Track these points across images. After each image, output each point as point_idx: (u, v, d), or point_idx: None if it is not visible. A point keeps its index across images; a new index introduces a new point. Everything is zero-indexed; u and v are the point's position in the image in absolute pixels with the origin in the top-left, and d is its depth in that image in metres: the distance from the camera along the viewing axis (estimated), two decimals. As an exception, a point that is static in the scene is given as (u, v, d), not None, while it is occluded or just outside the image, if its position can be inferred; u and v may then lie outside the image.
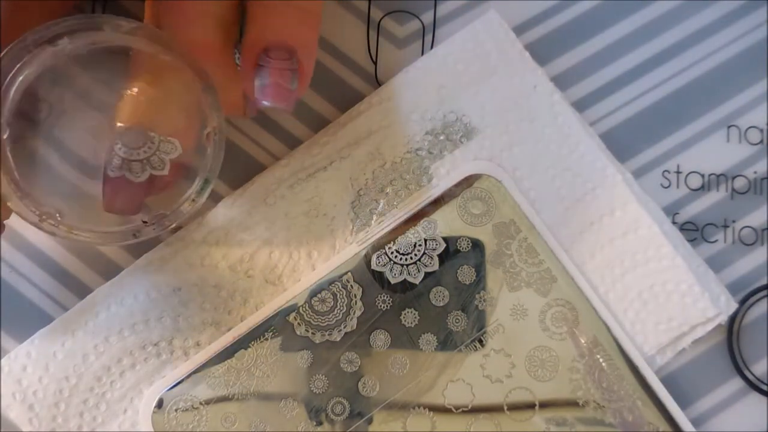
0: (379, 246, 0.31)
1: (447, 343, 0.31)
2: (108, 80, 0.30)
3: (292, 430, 0.31)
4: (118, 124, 0.28)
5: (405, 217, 0.32)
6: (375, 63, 0.33)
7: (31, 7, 0.29)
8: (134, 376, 0.31)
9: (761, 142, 0.33)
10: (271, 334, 0.31)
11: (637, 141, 0.33)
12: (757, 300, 0.33)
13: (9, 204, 0.28)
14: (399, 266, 0.31)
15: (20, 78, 0.28)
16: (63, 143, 0.32)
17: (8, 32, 0.28)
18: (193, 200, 0.29)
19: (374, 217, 0.32)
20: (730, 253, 0.33)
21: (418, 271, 0.31)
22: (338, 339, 0.31)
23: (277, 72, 0.29)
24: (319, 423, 0.31)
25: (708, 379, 0.32)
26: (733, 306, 0.32)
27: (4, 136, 0.28)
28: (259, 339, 0.31)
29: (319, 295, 0.31)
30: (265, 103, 0.29)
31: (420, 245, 0.32)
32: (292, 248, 0.32)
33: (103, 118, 0.30)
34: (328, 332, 0.31)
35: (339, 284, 0.31)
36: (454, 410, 0.31)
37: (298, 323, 0.31)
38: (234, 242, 0.32)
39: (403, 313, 0.31)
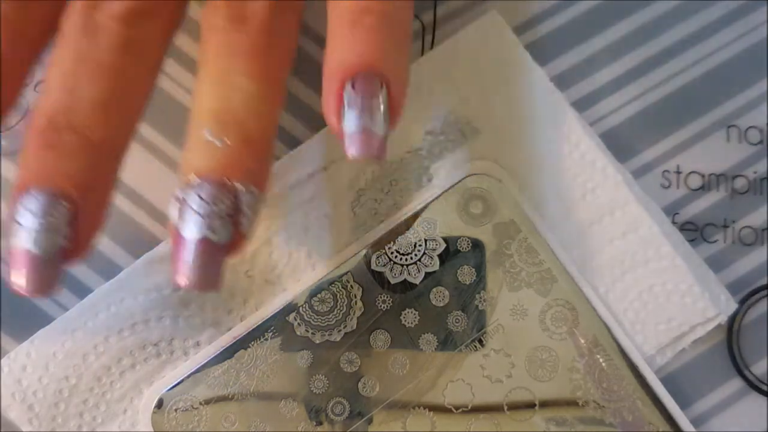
0: (379, 246, 0.31)
1: (447, 343, 0.31)
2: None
3: (292, 430, 0.31)
4: (191, 176, 0.24)
5: (405, 217, 0.32)
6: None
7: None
8: (134, 376, 0.31)
9: (761, 142, 0.33)
10: (271, 334, 0.31)
11: (637, 141, 0.33)
12: (757, 300, 0.33)
13: None
14: (399, 266, 0.31)
15: None
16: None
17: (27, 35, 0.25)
18: None
19: (374, 217, 0.32)
20: (730, 253, 0.33)
21: (418, 271, 0.31)
22: (338, 339, 0.31)
23: (367, 114, 0.24)
24: (319, 423, 0.31)
25: (708, 379, 0.32)
26: (733, 306, 0.32)
27: None
28: (259, 339, 0.31)
29: (319, 295, 0.31)
30: (354, 153, 0.24)
31: (420, 245, 0.32)
32: (292, 248, 0.32)
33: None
34: (328, 332, 0.31)
35: (339, 284, 0.31)
36: (454, 410, 0.31)
37: (298, 323, 0.31)
38: (234, 242, 0.32)
39: (403, 313, 0.31)
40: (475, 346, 0.31)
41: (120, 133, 0.25)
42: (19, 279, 0.23)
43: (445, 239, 0.32)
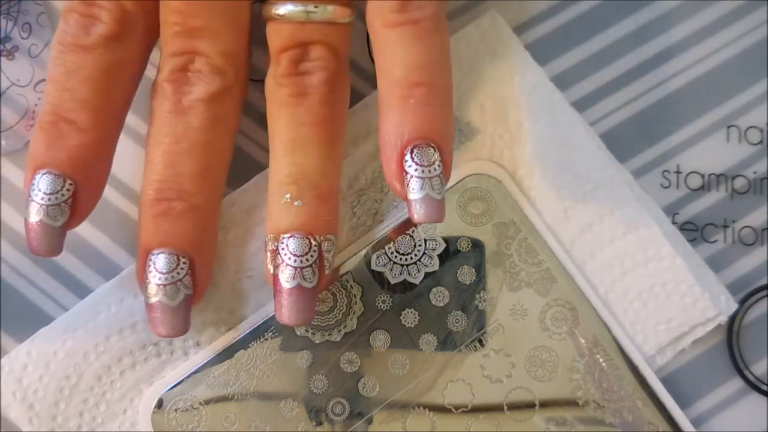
0: (379, 246, 0.31)
1: (447, 343, 0.31)
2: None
3: (292, 430, 0.31)
4: (283, 235, 0.28)
5: (405, 217, 0.32)
6: (374, 63, 0.33)
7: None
8: (134, 376, 0.31)
9: (761, 142, 0.33)
10: (271, 334, 0.31)
11: (637, 141, 0.33)
12: (757, 300, 0.33)
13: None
14: (399, 266, 0.31)
15: None
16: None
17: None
18: None
19: (374, 217, 0.32)
20: (730, 253, 0.33)
21: (418, 271, 0.31)
22: (338, 339, 0.31)
23: (427, 182, 0.27)
24: (319, 423, 0.31)
25: (708, 379, 0.32)
26: (733, 306, 0.32)
27: None
28: (259, 339, 0.31)
29: (319, 295, 0.31)
30: (419, 219, 0.27)
31: (420, 245, 0.32)
32: (292, 248, 0.32)
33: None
34: (328, 332, 0.31)
35: (339, 284, 0.31)
36: (454, 410, 0.31)
37: (298, 323, 0.31)
38: (234, 242, 0.32)
39: (403, 313, 0.31)
40: (475, 346, 0.31)
41: (216, 193, 0.30)
42: (158, 328, 0.28)
43: (445, 239, 0.32)
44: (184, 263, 0.28)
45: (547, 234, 0.32)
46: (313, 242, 0.28)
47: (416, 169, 0.27)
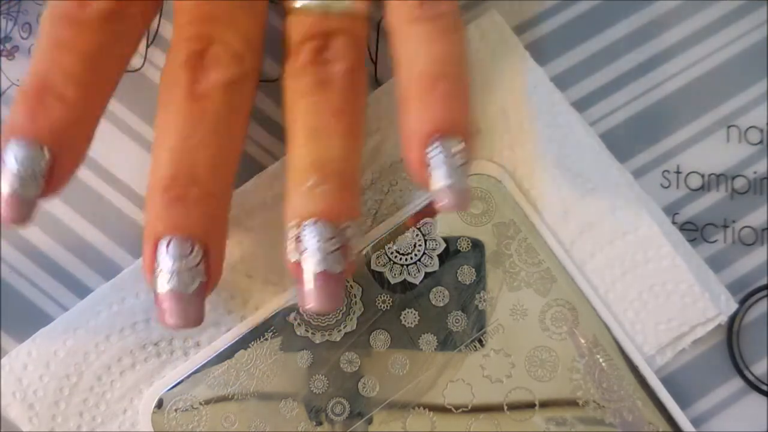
0: (379, 246, 0.32)
1: (447, 343, 0.31)
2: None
3: (292, 430, 0.31)
4: (306, 221, 0.27)
5: (405, 217, 0.32)
6: (375, 63, 0.33)
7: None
8: (134, 376, 0.31)
9: (761, 142, 0.33)
10: (271, 334, 0.31)
11: (637, 141, 0.33)
12: (757, 300, 0.33)
13: None
14: (399, 266, 0.31)
15: None
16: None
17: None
18: None
19: (374, 217, 0.32)
20: (730, 253, 0.33)
21: (418, 271, 0.31)
22: (338, 339, 0.31)
23: (452, 171, 0.27)
24: (319, 423, 0.31)
25: (708, 379, 0.32)
26: (733, 306, 0.32)
27: None
28: (259, 339, 0.31)
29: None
30: (445, 207, 0.27)
31: (420, 245, 0.32)
32: (292, 248, 0.32)
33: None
34: (327, 332, 0.31)
35: (339, 284, 0.31)
36: (454, 410, 0.31)
37: (298, 323, 0.31)
38: (234, 242, 0.32)
39: (403, 313, 0.31)
40: (475, 346, 0.31)
41: (229, 182, 0.29)
42: (170, 319, 0.27)
43: (445, 239, 0.32)
44: (198, 249, 0.27)
45: (547, 234, 0.32)
46: (339, 227, 0.27)
47: (441, 159, 0.27)
